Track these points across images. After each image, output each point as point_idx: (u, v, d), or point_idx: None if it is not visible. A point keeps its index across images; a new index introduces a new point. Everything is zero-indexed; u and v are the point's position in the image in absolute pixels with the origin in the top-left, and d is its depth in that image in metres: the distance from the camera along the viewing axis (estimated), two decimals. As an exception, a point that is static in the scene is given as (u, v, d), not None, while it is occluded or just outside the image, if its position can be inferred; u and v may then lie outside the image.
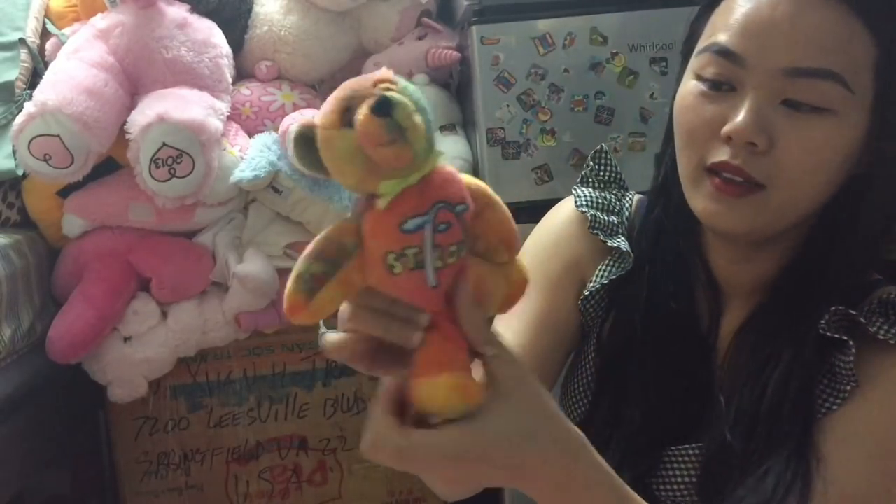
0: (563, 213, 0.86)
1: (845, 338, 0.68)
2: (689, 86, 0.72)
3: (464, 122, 1.64)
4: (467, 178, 0.49)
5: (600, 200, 0.86)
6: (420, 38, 1.62)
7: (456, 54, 1.57)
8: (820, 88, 0.66)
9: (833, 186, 0.70)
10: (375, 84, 0.44)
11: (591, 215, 0.83)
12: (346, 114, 0.44)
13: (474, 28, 1.47)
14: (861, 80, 0.67)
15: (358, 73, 1.62)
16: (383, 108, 0.42)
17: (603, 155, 0.90)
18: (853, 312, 0.68)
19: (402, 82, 0.45)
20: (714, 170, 0.69)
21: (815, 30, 0.66)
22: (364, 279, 0.47)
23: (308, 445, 1.58)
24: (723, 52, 0.69)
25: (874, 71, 0.67)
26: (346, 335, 0.50)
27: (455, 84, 1.71)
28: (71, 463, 1.67)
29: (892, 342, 0.67)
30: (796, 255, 0.74)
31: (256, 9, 1.60)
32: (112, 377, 1.46)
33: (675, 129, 0.74)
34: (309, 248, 0.47)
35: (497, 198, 0.50)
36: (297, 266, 0.47)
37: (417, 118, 0.43)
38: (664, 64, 1.50)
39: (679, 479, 0.75)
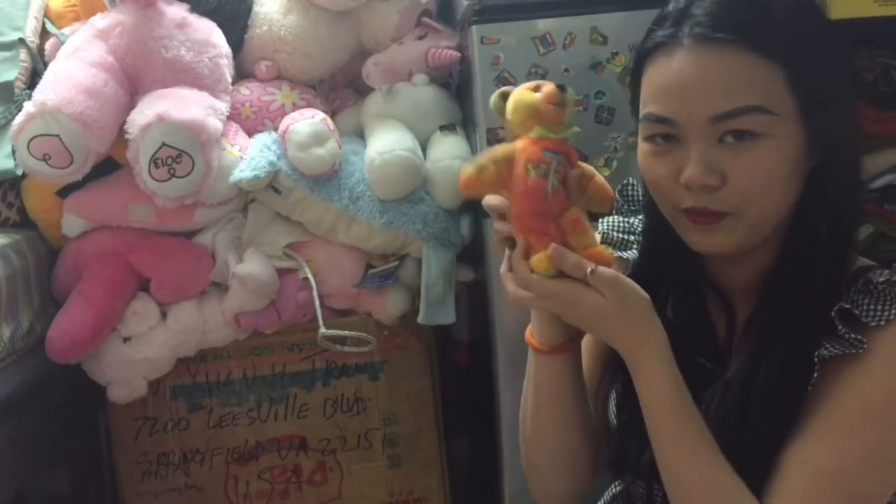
0: None
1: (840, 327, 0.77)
2: (644, 148, 0.85)
3: (464, 122, 1.64)
4: (583, 164, 0.84)
5: (622, 224, 1.01)
6: (420, 38, 1.61)
7: (456, 54, 1.56)
8: (748, 122, 0.77)
9: (794, 189, 0.81)
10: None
11: (603, 231, 1.00)
12: (535, 89, 0.82)
13: (474, 28, 1.47)
14: (780, 101, 0.78)
15: (358, 72, 1.63)
16: (562, 88, 0.81)
17: (629, 188, 1.04)
18: (847, 306, 0.77)
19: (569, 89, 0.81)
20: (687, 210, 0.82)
21: (722, 77, 0.78)
22: (510, 173, 0.80)
23: (308, 446, 1.58)
24: (658, 120, 0.82)
25: (788, 87, 0.78)
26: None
27: (455, 84, 1.70)
28: (71, 463, 1.67)
29: (872, 324, 0.75)
30: (784, 249, 0.84)
31: (256, 8, 1.60)
32: (112, 377, 1.46)
33: (647, 185, 0.88)
34: (485, 152, 0.83)
35: (600, 175, 0.85)
36: (477, 158, 0.82)
37: (573, 105, 0.82)
38: (664, 64, 1.50)
39: None
